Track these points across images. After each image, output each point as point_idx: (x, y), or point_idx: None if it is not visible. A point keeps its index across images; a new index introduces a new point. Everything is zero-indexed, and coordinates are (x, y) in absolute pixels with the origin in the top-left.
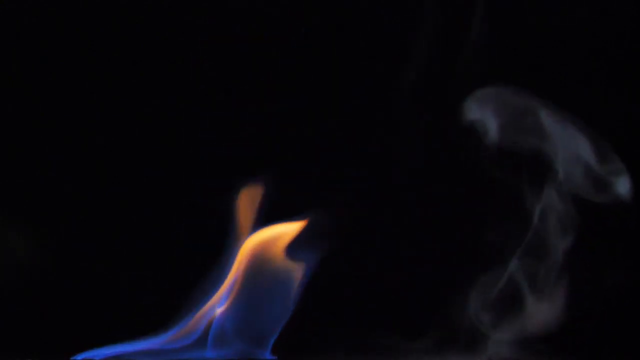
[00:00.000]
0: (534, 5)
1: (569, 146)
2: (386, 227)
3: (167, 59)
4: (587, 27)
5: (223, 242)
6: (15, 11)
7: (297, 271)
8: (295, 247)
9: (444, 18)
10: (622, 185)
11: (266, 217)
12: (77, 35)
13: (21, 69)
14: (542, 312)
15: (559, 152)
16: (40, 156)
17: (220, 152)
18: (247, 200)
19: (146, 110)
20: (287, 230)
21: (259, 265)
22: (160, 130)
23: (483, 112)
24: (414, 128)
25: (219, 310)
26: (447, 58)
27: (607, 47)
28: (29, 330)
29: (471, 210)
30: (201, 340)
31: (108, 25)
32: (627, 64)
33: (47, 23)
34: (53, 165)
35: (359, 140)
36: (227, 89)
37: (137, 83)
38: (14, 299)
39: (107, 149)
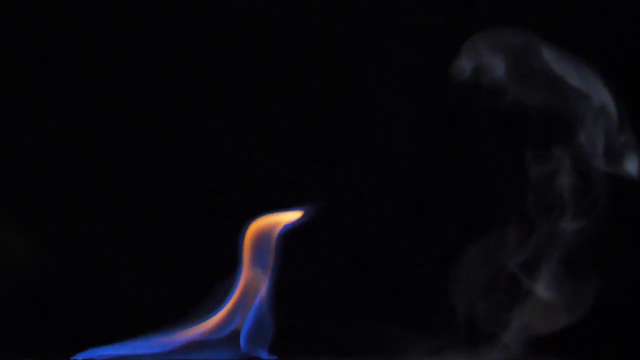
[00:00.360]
0: None
1: (588, 103)
2: (386, 227)
3: (167, 59)
4: None
5: (223, 242)
6: (15, 11)
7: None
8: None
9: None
10: (632, 164)
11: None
12: (77, 35)
13: (21, 69)
14: (548, 310)
15: (575, 109)
16: (40, 156)
17: (220, 152)
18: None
19: (146, 110)
20: (283, 218)
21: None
22: (160, 130)
23: (483, 57)
24: (414, 126)
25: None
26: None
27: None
28: (29, 330)
29: (473, 206)
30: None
31: (108, 25)
32: None
33: (47, 23)
34: (53, 165)
35: (359, 139)
36: (227, 89)
37: (137, 83)
38: (14, 299)
39: (107, 149)
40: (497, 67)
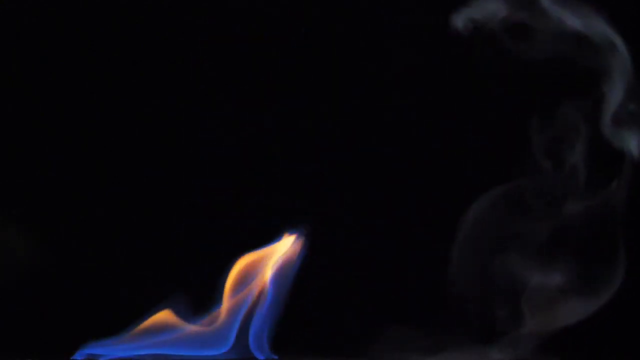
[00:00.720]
0: None
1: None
2: (386, 226)
3: (167, 59)
4: None
5: (223, 242)
6: (15, 11)
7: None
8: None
9: None
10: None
11: (265, 215)
12: (77, 35)
13: (21, 69)
14: (558, 304)
15: (588, 61)
16: (40, 156)
17: (220, 152)
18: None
19: (146, 110)
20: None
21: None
22: (160, 130)
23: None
24: (414, 126)
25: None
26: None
27: None
28: (29, 330)
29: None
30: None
31: (108, 25)
32: None
33: (47, 23)
34: (53, 165)
35: (359, 140)
36: (227, 89)
37: (137, 83)
38: (14, 299)
39: (107, 149)
40: (496, 15)
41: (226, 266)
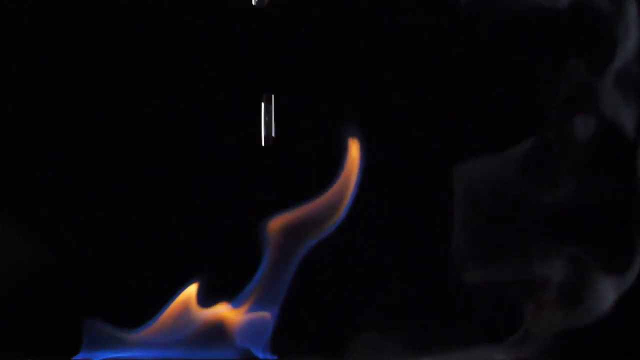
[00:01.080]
0: None
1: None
2: (386, 226)
3: (167, 58)
4: None
5: (223, 242)
6: (15, 11)
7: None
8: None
9: None
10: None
11: (264, 215)
12: (77, 35)
13: (21, 69)
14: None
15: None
16: (40, 156)
17: (220, 152)
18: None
19: (146, 110)
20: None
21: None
22: (160, 130)
23: None
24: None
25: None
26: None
27: None
28: (29, 330)
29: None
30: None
31: (108, 25)
32: None
33: (47, 23)
34: (53, 165)
35: (359, 141)
36: (227, 89)
37: (137, 83)
38: (14, 299)
39: (107, 149)
40: None
41: (225, 266)
